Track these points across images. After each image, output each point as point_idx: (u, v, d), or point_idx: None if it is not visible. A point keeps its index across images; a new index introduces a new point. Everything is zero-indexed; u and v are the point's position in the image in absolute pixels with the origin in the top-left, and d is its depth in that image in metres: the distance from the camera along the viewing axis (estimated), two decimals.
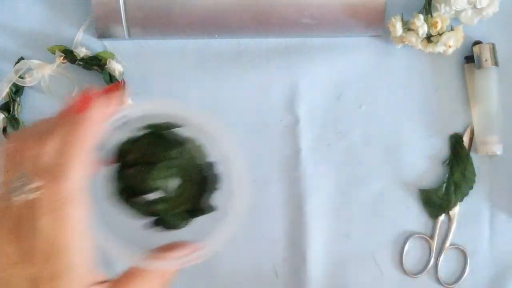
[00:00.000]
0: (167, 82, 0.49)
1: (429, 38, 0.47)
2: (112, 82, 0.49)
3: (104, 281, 0.29)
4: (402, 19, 0.47)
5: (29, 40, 0.49)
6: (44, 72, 0.48)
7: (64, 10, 0.49)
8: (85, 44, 0.49)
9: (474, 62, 0.48)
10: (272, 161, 0.49)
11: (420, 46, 0.47)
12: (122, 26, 0.48)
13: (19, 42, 0.50)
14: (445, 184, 0.49)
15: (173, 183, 0.36)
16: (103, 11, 0.47)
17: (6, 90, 0.48)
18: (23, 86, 0.49)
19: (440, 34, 0.46)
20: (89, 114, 0.30)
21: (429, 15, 0.47)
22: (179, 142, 0.37)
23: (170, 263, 0.32)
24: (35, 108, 0.50)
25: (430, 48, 0.47)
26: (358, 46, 0.49)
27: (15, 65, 0.48)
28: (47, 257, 0.26)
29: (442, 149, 0.49)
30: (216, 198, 0.37)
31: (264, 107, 0.49)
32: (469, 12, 0.47)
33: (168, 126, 0.37)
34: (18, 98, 0.49)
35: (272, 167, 0.49)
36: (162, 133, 0.37)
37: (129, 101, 0.48)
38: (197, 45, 0.50)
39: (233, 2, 0.47)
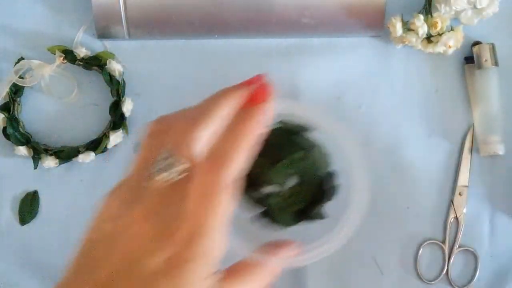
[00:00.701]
0: (167, 82, 0.49)
1: (429, 38, 0.47)
2: (112, 82, 0.48)
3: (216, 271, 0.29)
4: (402, 19, 0.47)
5: (29, 40, 0.49)
6: (44, 72, 0.48)
7: (64, 10, 0.50)
8: (85, 44, 0.49)
9: (474, 62, 0.48)
10: None
11: (420, 46, 0.47)
12: (122, 26, 0.48)
13: (19, 42, 0.50)
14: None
15: (291, 182, 0.37)
16: (103, 11, 0.47)
17: (6, 90, 0.48)
18: (23, 86, 0.49)
19: (440, 34, 0.46)
20: (266, 107, 0.30)
21: (429, 15, 0.47)
22: (306, 146, 0.38)
23: (281, 261, 0.32)
24: (35, 108, 0.50)
25: (430, 49, 0.47)
26: (358, 46, 0.49)
27: (15, 65, 0.48)
28: (189, 239, 0.26)
29: (442, 149, 0.49)
30: (329, 207, 0.38)
31: None
32: (469, 12, 0.47)
33: (300, 127, 0.38)
34: (18, 98, 0.49)
35: None
36: (292, 132, 0.38)
37: (129, 102, 0.48)
38: (197, 45, 0.50)
39: (233, 2, 0.47)
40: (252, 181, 0.36)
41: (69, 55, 0.48)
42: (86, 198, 0.47)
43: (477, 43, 0.48)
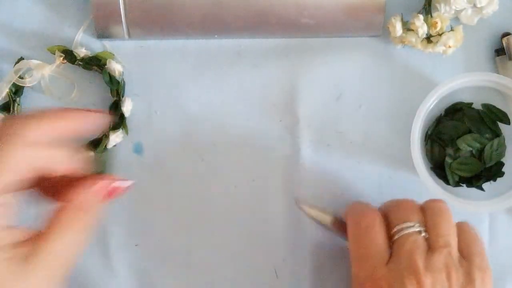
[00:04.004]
0: (167, 82, 0.50)
1: (429, 38, 0.47)
2: (112, 82, 0.49)
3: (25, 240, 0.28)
4: (402, 19, 0.47)
5: (28, 40, 0.49)
6: (44, 72, 0.48)
7: (63, 10, 0.49)
8: (85, 44, 0.49)
9: (505, 54, 0.48)
10: (272, 161, 0.49)
11: (420, 46, 0.47)
12: (122, 26, 0.48)
13: (18, 42, 0.50)
14: None
15: (467, 154, 0.47)
16: (103, 11, 0.47)
17: (6, 90, 0.48)
18: (23, 86, 0.49)
19: (440, 35, 0.46)
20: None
21: (429, 15, 0.47)
22: (495, 132, 0.47)
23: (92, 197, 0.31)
24: (34, 108, 0.50)
25: (430, 49, 0.47)
26: (358, 46, 0.49)
27: (15, 65, 0.48)
28: None
29: None
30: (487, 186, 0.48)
31: (264, 107, 0.49)
32: (469, 11, 0.47)
33: (499, 116, 0.47)
34: (18, 98, 0.49)
35: (272, 167, 0.49)
36: (491, 116, 0.47)
37: (129, 102, 0.48)
38: (197, 45, 0.50)
39: (233, 2, 0.47)
40: (448, 139, 0.47)
41: (69, 55, 0.48)
42: None
43: (506, 34, 0.48)
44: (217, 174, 0.49)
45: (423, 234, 0.40)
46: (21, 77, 0.48)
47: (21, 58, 0.48)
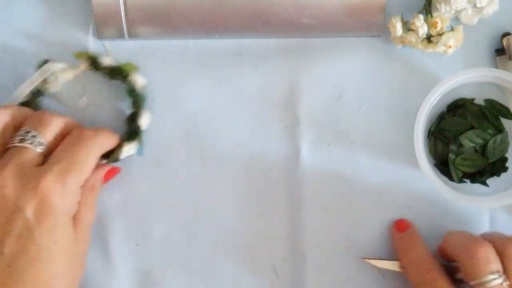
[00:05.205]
0: (167, 82, 0.49)
1: (429, 39, 0.47)
2: (133, 94, 0.48)
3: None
4: (402, 19, 0.47)
5: (30, 40, 0.49)
6: (66, 77, 0.48)
7: (63, 10, 0.49)
8: (85, 44, 0.49)
9: (505, 53, 0.48)
10: (272, 161, 0.49)
11: (420, 47, 0.47)
12: (122, 26, 0.48)
13: (24, 43, 0.49)
14: None
15: (470, 149, 0.47)
16: (103, 11, 0.47)
17: (27, 91, 0.47)
18: (45, 88, 0.48)
19: (440, 35, 0.46)
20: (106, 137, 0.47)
21: (429, 15, 0.47)
22: (497, 128, 0.47)
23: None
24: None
25: (430, 49, 0.47)
26: (358, 46, 0.49)
27: (39, 67, 0.48)
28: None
29: None
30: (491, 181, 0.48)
31: (264, 107, 0.49)
32: (469, 11, 0.47)
33: (503, 112, 0.47)
34: (38, 99, 0.48)
35: (272, 167, 0.49)
36: (493, 112, 0.47)
37: (147, 115, 0.48)
38: (197, 45, 0.50)
39: (233, 2, 0.47)
40: (450, 135, 0.47)
41: (93, 62, 0.48)
42: None
43: (506, 34, 0.48)
44: (217, 174, 0.49)
45: (506, 283, 0.39)
46: (44, 80, 0.48)
47: (46, 61, 0.48)
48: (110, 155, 0.47)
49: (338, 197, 0.49)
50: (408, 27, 0.47)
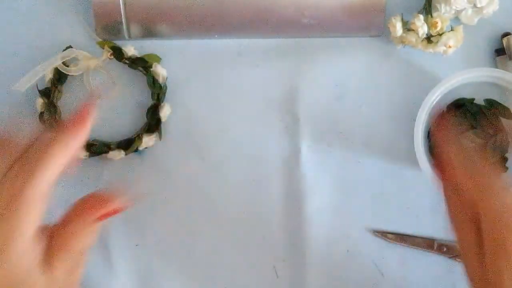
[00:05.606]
0: (167, 82, 0.49)
1: (429, 38, 0.47)
2: (154, 86, 0.48)
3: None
4: (402, 19, 0.47)
5: (31, 40, 0.49)
6: (89, 64, 0.48)
7: (63, 10, 0.49)
8: (85, 44, 0.49)
9: (505, 54, 0.48)
10: (272, 161, 0.49)
11: (420, 46, 0.47)
12: (122, 26, 0.48)
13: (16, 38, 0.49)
14: None
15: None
16: (103, 11, 0.47)
17: (47, 70, 0.47)
18: (67, 75, 0.48)
19: (440, 35, 0.46)
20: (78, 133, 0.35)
21: (429, 15, 0.47)
22: (497, 127, 0.47)
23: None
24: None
25: (430, 49, 0.47)
26: (358, 46, 0.49)
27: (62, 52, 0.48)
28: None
29: None
30: None
31: (264, 107, 0.49)
32: (469, 11, 0.47)
33: (504, 112, 0.47)
34: (60, 86, 0.48)
35: (272, 167, 0.49)
36: (495, 111, 0.47)
37: (167, 107, 0.48)
38: (197, 45, 0.50)
39: (233, 2, 0.47)
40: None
41: (117, 52, 0.48)
42: None
43: (506, 34, 0.48)
44: (217, 174, 0.49)
45: None
46: (66, 65, 0.48)
47: (69, 46, 0.48)
48: (129, 147, 0.47)
49: (337, 197, 0.49)
50: (408, 27, 0.47)
